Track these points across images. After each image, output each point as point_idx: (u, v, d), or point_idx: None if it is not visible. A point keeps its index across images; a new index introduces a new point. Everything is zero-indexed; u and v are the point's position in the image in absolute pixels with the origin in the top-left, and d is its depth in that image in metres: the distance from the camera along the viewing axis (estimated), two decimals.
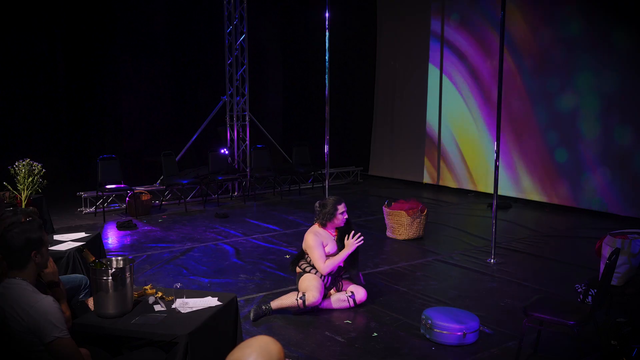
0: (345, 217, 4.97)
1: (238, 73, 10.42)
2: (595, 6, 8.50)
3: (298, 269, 5.02)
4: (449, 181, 10.90)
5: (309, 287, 4.81)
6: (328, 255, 4.90)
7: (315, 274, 4.90)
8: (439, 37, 10.81)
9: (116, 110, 10.79)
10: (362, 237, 4.87)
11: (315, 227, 4.99)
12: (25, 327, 2.65)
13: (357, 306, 5.00)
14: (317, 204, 5.02)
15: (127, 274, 3.26)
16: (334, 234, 5.01)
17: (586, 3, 8.62)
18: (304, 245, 4.97)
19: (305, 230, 4.71)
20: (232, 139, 10.53)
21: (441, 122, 10.90)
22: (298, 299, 4.77)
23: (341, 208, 4.93)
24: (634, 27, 8.07)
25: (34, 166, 5.74)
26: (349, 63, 12.62)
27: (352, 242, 4.83)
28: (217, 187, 10.05)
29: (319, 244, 4.86)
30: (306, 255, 4.99)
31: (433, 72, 10.99)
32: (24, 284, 2.75)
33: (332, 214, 4.92)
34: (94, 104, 10.56)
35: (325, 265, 4.82)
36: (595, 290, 4.44)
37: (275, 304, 4.83)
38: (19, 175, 5.64)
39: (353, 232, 4.90)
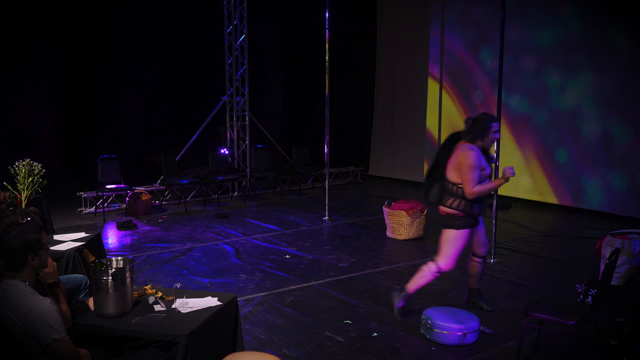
0: (497, 137, 4.49)
1: (238, 73, 10.42)
2: (595, 6, 8.50)
3: (444, 209, 4.53)
4: None
5: (447, 254, 4.53)
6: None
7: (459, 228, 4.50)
8: (439, 37, 10.81)
9: (116, 110, 10.78)
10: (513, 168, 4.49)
11: (469, 145, 4.46)
12: (23, 329, 2.64)
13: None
14: (467, 119, 4.54)
15: (127, 274, 3.26)
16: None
17: (586, 3, 8.62)
18: (455, 164, 4.45)
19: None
20: (232, 139, 10.53)
21: (441, 122, 10.90)
22: (433, 269, 4.57)
23: (496, 126, 4.43)
24: (634, 27, 8.07)
25: (34, 166, 5.72)
26: (349, 63, 12.62)
27: (508, 171, 4.40)
28: (217, 187, 10.04)
29: (477, 166, 4.36)
30: (452, 186, 4.49)
31: (433, 72, 10.99)
32: (22, 286, 2.73)
33: (486, 131, 4.41)
34: (94, 104, 10.56)
35: (474, 191, 4.35)
36: (595, 290, 4.44)
37: (413, 286, 4.68)
38: (19, 175, 5.63)
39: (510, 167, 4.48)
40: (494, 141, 4.49)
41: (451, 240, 4.54)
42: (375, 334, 4.49)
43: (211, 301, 3.46)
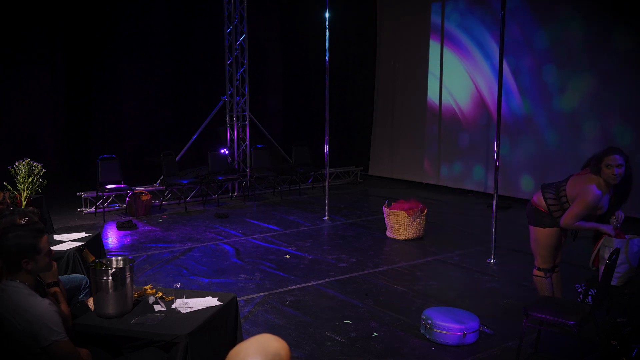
0: (615, 173, 3.93)
1: (238, 73, 10.42)
2: (595, 6, 8.50)
3: (547, 199, 4.30)
4: (449, 181, 10.90)
5: (539, 253, 4.62)
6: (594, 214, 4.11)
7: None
8: (439, 37, 10.81)
9: (116, 110, 10.78)
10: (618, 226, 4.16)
11: (596, 179, 4.04)
12: (22, 331, 2.64)
13: None
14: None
15: (127, 274, 3.25)
16: (611, 192, 4.12)
17: (586, 3, 8.62)
18: (576, 191, 4.11)
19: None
20: (232, 139, 10.53)
21: (441, 122, 10.90)
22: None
23: (608, 160, 3.92)
24: (634, 27, 8.07)
25: (34, 166, 5.72)
26: (349, 63, 12.61)
27: (612, 230, 4.16)
28: (217, 187, 10.04)
29: (590, 206, 4.04)
30: (561, 194, 4.24)
31: (433, 72, 10.98)
32: (20, 287, 2.72)
33: (598, 164, 3.97)
34: (94, 104, 10.56)
35: (573, 226, 4.17)
36: (595, 290, 4.44)
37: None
38: (19, 175, 5.63)
39: (620, 215, 4.18)
40: (613, 176, 3.97)
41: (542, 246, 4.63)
42: (375, 334, 4.49)
43: (211, 301, 3.46)
